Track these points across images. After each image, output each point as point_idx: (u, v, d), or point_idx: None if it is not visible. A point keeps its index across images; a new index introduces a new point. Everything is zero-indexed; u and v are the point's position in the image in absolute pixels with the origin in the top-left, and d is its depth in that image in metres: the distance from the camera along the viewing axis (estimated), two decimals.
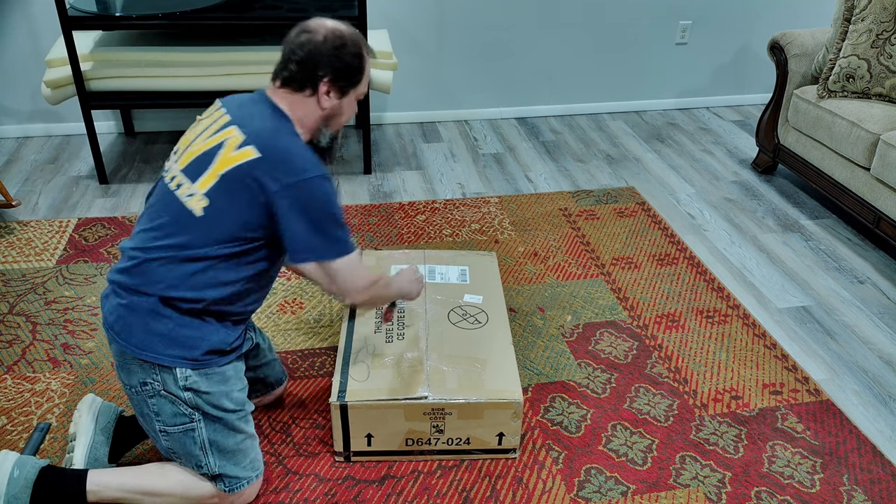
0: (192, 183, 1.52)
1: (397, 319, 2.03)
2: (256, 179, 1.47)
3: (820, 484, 1.85)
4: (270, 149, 1.48)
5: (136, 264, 1.54)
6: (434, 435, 1.84)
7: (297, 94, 1.56)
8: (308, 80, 1.54)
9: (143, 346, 1.52)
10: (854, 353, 2.31)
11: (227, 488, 1.64)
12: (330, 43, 1.53)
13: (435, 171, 3.37)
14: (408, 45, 3.69)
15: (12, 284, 2.49)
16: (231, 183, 1.48)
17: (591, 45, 3.87)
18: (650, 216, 3.02)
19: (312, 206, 1.48)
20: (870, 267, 2.75)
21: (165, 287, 1.52)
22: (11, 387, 2.07)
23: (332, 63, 1.53)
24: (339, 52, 1.53)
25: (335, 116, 1.61)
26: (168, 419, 1.57)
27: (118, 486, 1.61)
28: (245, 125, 1.52)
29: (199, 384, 1.56)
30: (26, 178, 3.21)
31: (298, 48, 1.53)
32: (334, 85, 1.56)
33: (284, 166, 1.47)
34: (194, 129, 1.61)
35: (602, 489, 1.82)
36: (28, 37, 3.36)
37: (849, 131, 2.82)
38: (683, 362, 2.24)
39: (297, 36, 1.55)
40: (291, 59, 1.54)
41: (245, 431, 1.65)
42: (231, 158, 1.49)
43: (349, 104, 1.62)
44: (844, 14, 2.93)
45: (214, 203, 1.49)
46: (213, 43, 3.09)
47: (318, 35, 1.53)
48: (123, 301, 1.54)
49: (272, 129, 1.51)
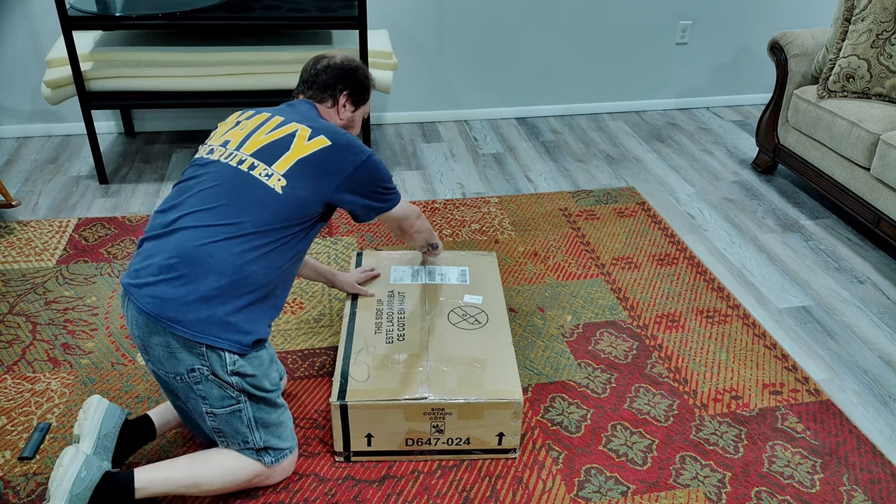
0: (268, 166, 1.69)
1: (397, 320, 2.03)
2: (334, 162, 1.72)
3: (820, 484, 1.85)
4: (338, 137, 1.74)
5: (191, 252, 1.58)
6: (434, 435, 1.84)
7: (321, 105, 1.88)
8: (329, 93, 1.87)
9: (199, 330, 1.57)
10: (854, 353, 2.31)
11: (273, 459, 1.74)
12: (347, 64, 1.89)
13: (435, 171, 3.37)
14: (408, 45, 3.69)
15: (12, 284, 2.49)
16: (308, 165, 1.70)
17: (592, 45, 3.87)
18: (650, 216, 3.02)
19: (378, 176, 1.78)
20: (870, 267, 2.75)
21: (232, 269, 1.59)
22: (11, 387, 2.07)
23: (350, 80, 1.88)
24: (355, 72, 1.89)
25: (349, 127, 1.93)
26: (216, 402, 1.65)
27: (164, 482, 1.66)
28: (306, 122, 1.77)
29: (245, 368, 1.63)
30: (26, 178, 3.21)
31: (323, 70, 1.86)
32: (350, 98, 1.89)
33: (351, 150, 1.74)
34: (242, 127, 1.79)
35: (602, 489, 1.82)
36: (28, 37, 3.36)
37: (849, 131, 2.82)
38: (683, 362, 2.24)
39: (318, 62, 1.88)
40: (317, 78, 1.87)
41: (283, 405, 1.76)
42: (306, 146, 1.72)
43: (358, 118, 1.94)
44: (844, 14, 2.93)
45: (291, 183, 1.68)
46: (213, 43, 3.09)
47: (336, 59, 1.89)
48: (178, 286, 1.57)
49: (328, 124, 1.79)
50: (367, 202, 1.80)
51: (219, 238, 1.60)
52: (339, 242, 2.78)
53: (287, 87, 3.07)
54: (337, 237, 2.81)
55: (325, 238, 2.80)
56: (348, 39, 3.21)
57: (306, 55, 3.05)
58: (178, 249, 1.59)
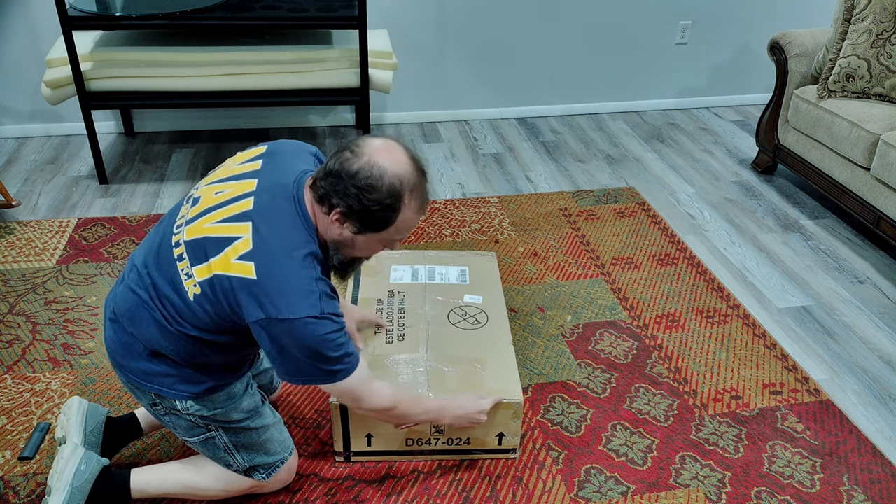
0: (190, 265, 1.43)
1: (397, 319, 2.03)
2: (240, 301, 1.38)
3: (820, 484, 1.85)
4: (268, 276, 1.35)
5: (134, 305, 1.49)
6: (434, 435, 1.84)
7: (319, 206, 1.43)
8: (326, 200, 1.40)
9: (144, 379, 1.53)
10: (854, 353, 2.31)
11: (264, 476, 1.67)
12: (361, 178, 1.36)
13: (435, 171, 3.37)
14: (408, 45, 3.69)
15: (12, 284, 2.49)
16: (218, 288, 1.40)
17: (592, 45, 3.87)
18: (650, 216, 3.02)
19: (297, 345, 1.38)
20: (870, 267, 2.75)
21: (153, 344, 1.49)
22: (11, 387, 2.07)
23: (350, 199, 1.37)
24: (363, 194, 1.36)
25: (346, 247, 1.47)
26: (185, 433, 1.61)
27: (160, 484, 1.65)
28: (259, 229, 1.39)
29: (202, 410, 1.56)
30: (26, 178, 3.21)
31: (334, 158, 1.39)
32: (347, 219, 1.41)
33: (274, 299, 1.35)
34: (220, 190, 1.49)
35: (602, 489, 1.82)
36: (28, 37, 3.36)
37: (849, 131, 2.82)
38: (683, 362, 2.24)
39: (346, 147, 1.40)
40: (326, 167, 1.40)
41: (264, 425, 1.65)
42: (229, 266, 1.38)
43: (367, 244, 1.47)
44: (844, 14, 2.93)
45: (204, 294, 1.42)
46: (213, 43, 3.09)
47: (357, 162, 1.36)
48: (125, 334, 1.52)
49: (282, 248, 1.38)
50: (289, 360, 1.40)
51: (147, 310, 1.48)
52: None
53: (287, 87, 3.06)
54: None
55: None
56: (348, 39, 3.21)
57: (306, 55, 3.05)
58: (122, 304, 1.51)
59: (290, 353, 1.39)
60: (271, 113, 3.75)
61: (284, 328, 1.35)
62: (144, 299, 1.48)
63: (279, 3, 3.10)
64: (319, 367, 1.41)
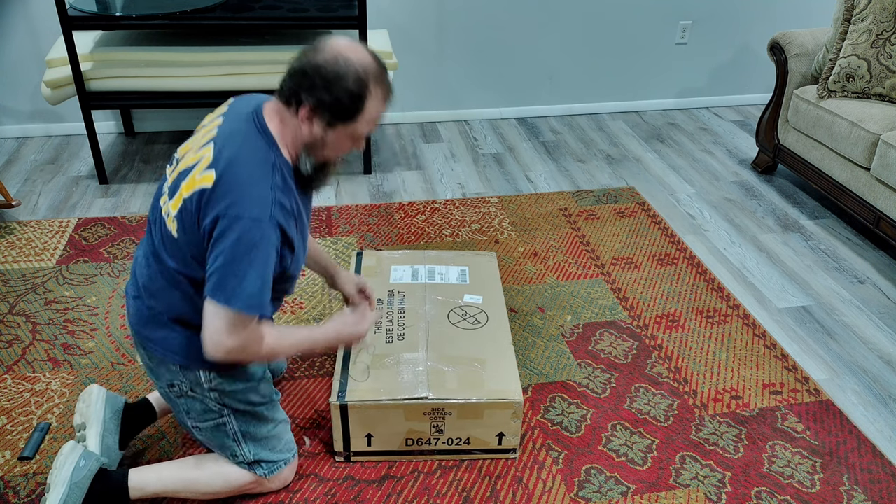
0: (169, 201, 1.47)
1: (397, 319, 2.03)
2: (201, 208, 1.39)
3: (820, 484, 1.85)
4: (226, 178, 1.37)
5: (150, 279, 1.55)
6: (434, 435, 1.84)
7: (285, 108, 1.44)
8: (293, 98, 1.41)
9: (168, 349, 1.56)
10: (854, 353, 2.31)
11: (266, 472, 1.70)
12: (327, 69, 1.37)
13: (435, 171, 3.37)
14: (408, 45, 3.69)
15: (12, 284, 2.49)
16: (188, 207, 1.42)
17: (592, 45, 3.87)
18: (650, 216, 3.02)
19: (240, 247, 1.36)
20: (870, 267, 2.75)
21: (173, 309, 1.54)
22: (11, 387, 2.07)
23: (319, 92, 1.38)
24: (332, 85, 1.37)
25: (317, 147, 1.47)
26: (198, 416, 1.62)
27: (158, 482, 1.65)
28: (222, 145, 1.42)
29: (223, 385, 1.59)
30: (26, 178, 3.21)
31: (297, 59, 1.42)
32: (315, 112, 1.41)
33: (232, 197, 1.36)
34: (195, 136, 1.55)
35: (602, 489, 1.82)
36: (28, 37, 3.36)
37: (849, 131, 2.82)
38: (683, 362, 2.24)
39: (308, 49, 1.43)
40: (289, 70, 1.42)
41: (275, 419, 1.70)
42: (195, 182, 1.41)
43: (338, 139, 1.46)
44: (844, 14, 2.93)
45: (182, 226, 1.44)
46: (213, 43, 3.09)
47: (319, 55, 1.39)
48: (145, 308, 1.57)
49: (244, 156, 1.40)
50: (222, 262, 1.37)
51: (163, 280, 1.53)
52: (340, 242, 2.78)
53: None
54: (337, 237, 2.81)
55: (325, 238, 2.80)
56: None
57: None
58: (144, 279, 1.57)
59: (222, 251, 1.37)
60: None
61: (236, 225, 1.35)
62: (151, 264, 1.54)
63: (279, 3, 3.10)
64: (234, 270, 1.36)
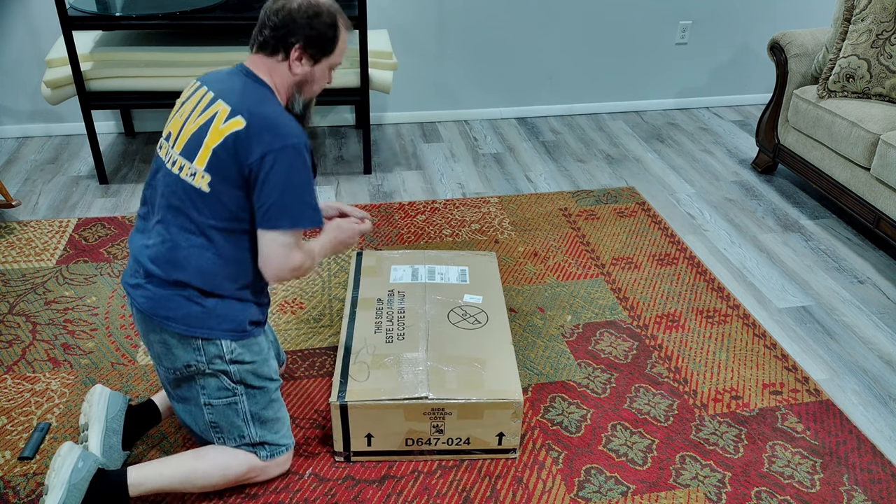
0: (190, 162, 1.56)
1: (397, 319, 2.03)
2: (240, 152, 1.51)
3: (820, 484, 1.85)
4: (256, 116, 1.52)
5: (167, 256, 1.59)
6: (434, 435, 1.84)
7: (270, 59, 1.60)
8: (280, 46, 1.58)
9: (190, 324, 1.60)
10: (854, 353, 2.31)
11: (269, 454, 1.74)
12: (304, 11, 1.58)
13: (435, 171, 3.37)
14: (408, 45, 3.69)
15: (12, 284, 2.49)
16: (221, 156, 1.52)
17: (592, 45, 3.87)
18: (650, 216, 3.02)
19: (294, 172, 1.52)
20: (870, 267, 2.75)
21: (200, 275, 1.59)
22: (11, 387, 2.07)
23: (305, 31, 1.58)
24: (312, 21, 1.58)
25: (307, 83, 1.65)
26: (213, 393, 1.66)
27: (157, 477, 1.66)
28: (229, 97, 1.56)
29: (243, 355, 1.65)
30: (26, 178, 3.21)
31: (273, 14, 1.58)
32: (305, 52, 1.60)
33: (270, 133, 1.51)
34: (182, 112, 1.63)
35: (602, 489, 1.82)
36: (28, 37, 3.36)
37: (849, 131, 2.82)
38: (683, 362, 2.24)
39: (274, 2, 1.59)
40: (266, 24, 1.58)
41: (280, 401, 1.76)
42: (221, 131, 1.53)
43: (321, 72, 1.66)
44: (844, 14, 2.93)
45: (214, 177, 1.54)
46: (213, 43, 3.09)
47: (294, 2, 1.58)
48: (162, 289, 1.60)
49: (256, 98, 1.56)
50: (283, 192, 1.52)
51: (182, 245, 1.58)
52: None
53: None
54: None
55: None
56: (348, 39, 3.20)
57: None
58: (157, 255, 1.60)
59: (282, 185, 1.51)
60: None
61: (283, 155, 1.50)
62: (174, 234, 1.57)
63: None
64: (303, 197, 1.53)
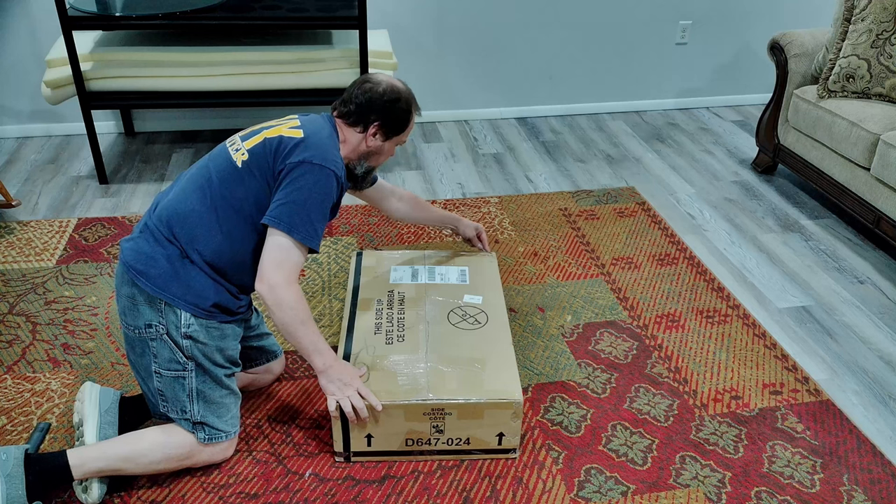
0: (241, 142, 1.76)
1: (397, 320, 2.03)
2: (284, 151, 1.69)
3: (820, 484, 1.85)
4: (315, 137, 1.72)
5: (174, 213, 1.70)
6: (434, 435, 1.84)
7: (350, 127, 1.83)
8: (361, 121, 1.82)
9: (160, 286, 1.66)
10: (854, 353, 2.31)
11: (207, 437, 1.76)
12: (387, 96, 1.81)
13: (435, 171, 3.37)
14: (408, 45, 3.69)
15: (12, 284, 2.49)
16: (269, 147, 1.70)
17: (591, 45, 3.87)
18: (650, 216, 3.02)
19: (316, 190, 1.67)
20: (870, 267, 2.75)
21: (197, 240, 1.68)
22: (11, 387, 2.08)
23: (385, 112, 1.81)
24: (392, 105, 1.81)
25: (375, 155, 1.88)
26: (163, 363, 1.70)
27: (99, 456, 1.68)
28: (306, 122, 1.78)
29: (198, 334, 1.68)
30: (26, 178, 3.21)
31: (361, 93, 1.81)
32: (381, 129, 1.83)
33: (318, 151, 1.69)
34: (265, 123, 1.83)
35: (602, 489, 1.82)
36: (28, 37, 3.36)
37: (849, 131, 2.82)
38: (683, 362, 2.24)
39: (362, 84, 1.83)
40: (353, 100, 1.82)
41: (230, 388, 1.79)
42: (281, 130, 1.73)
43: (389, 147, 1.89)
44: (844, 14, 2.93)
45: (251, 160, 1.70)
46: (213, 43, 3.09)
47: (379, 87, 1.82)
48: (151, 243, 1.69)
49: (325, 133, 1.76)
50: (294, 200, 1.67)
51: (194, 202, 1.70)
52: (340, 242, 2.78)
53: (287, 87, 3.06)
54: (337, 237, 2.81)
55: (325, 238, 2.80)
56: (348, 39, 3.21)
57: (306, 55, 3.05)
58: (161, 215, 1.71)
59: (299, 192, 1.66)
60: (271, 113, 3.75)
61: (312, 171, 1.67)
62: (191, 192, 1.70)
63: (279, 3, 3.10)
64: (310, 214, 1.67)
